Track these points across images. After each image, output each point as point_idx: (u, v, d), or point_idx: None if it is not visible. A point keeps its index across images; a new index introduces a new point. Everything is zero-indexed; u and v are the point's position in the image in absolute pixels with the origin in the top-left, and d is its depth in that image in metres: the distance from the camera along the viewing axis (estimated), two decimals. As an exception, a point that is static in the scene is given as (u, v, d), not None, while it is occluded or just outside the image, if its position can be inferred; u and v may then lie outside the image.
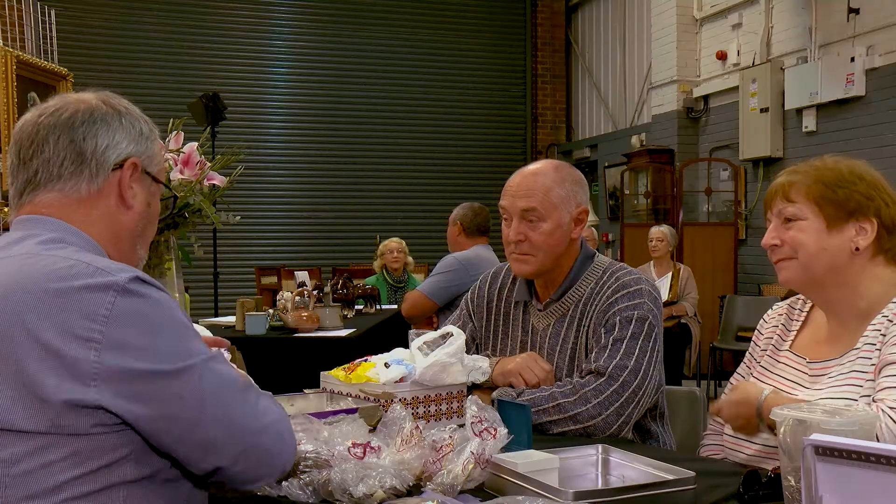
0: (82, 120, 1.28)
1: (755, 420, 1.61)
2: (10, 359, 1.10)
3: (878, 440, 1.40)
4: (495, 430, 1.49)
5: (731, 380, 1.94)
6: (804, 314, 1.83)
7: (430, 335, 1.90)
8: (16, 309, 1.11)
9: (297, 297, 4.11)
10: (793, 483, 1.20)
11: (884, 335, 1.60)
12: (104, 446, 1.13)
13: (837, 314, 1.72)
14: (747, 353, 1.93)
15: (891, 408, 1.47)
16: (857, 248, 1.65)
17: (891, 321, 1.60)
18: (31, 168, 1.27)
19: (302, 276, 5.23)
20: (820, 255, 1.66)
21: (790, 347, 1.80)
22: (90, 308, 1.11)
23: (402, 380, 1.78)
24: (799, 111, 7.23)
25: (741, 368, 1.93)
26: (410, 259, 6.62)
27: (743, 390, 1.68)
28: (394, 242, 6.53)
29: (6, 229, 4.22)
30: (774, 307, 1.93)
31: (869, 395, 1.55)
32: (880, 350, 1.59)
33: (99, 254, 1.27)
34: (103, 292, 1.12)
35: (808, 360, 1.74)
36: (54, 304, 1.11)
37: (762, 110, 7.47)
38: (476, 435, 1.48)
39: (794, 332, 1.82)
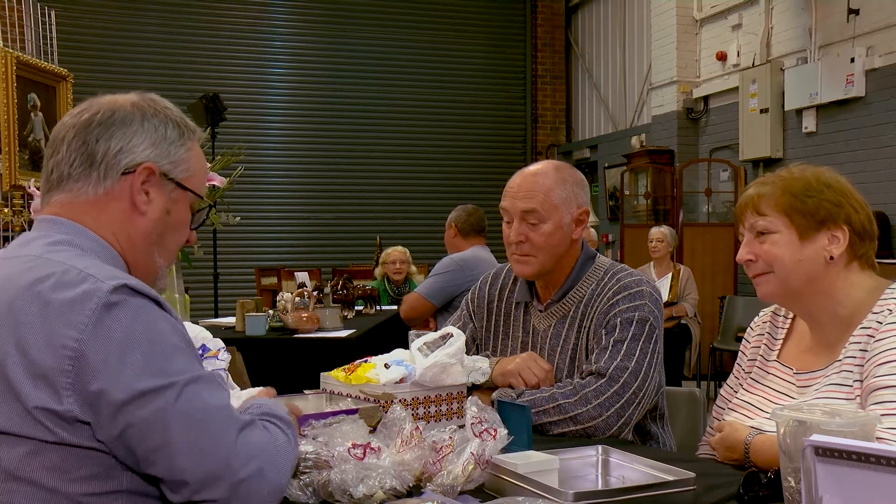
0: (99, 121, 1.24)
1: (744, 461, 1.62)
2: (4, 366, 1.09)
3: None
4: (495, 430, 1.49)
5: (721, 391, 1.94)
6: (788, 321, 1.83)
7: (430, 336, 1.90)
8: (8, 313, 1.11)
9: (297, 298, 4.11)
10: (793, 484, 1.20)
11: (865, 351, 1.59)
12: (96, 456, 1.11)
13: (819, 323, 1.71)
14: (736, 364, 1.93)
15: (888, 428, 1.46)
16: (831, 257, 1.64)
17: (871, 336, 1.59)
18: (48, 167, 1.26)
19: (302, 276, 5.23)
20: (796, 268, 1.65)
21: (777, 357, 1.80)
22: (72, 317, 1.08)
23: (402, 380, 1.78)
24: (799, 112, 7.24)
25: (731, 380, 1.92)
26: (413, 268, 6.52)
27: (731, 438, 1.67)
28: (396, 252, 6.29)
29: (5, 230, 4.18)
30: (760, 314, 1.93)
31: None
32: (862, 367, 1.59)
33: (111, 256, 1.24)
34: (86, 301, 1.09)
35: (795, 370, 1.74)
36: (41, 312, 1.09)
37: (762, 111, 7.47)
38: (476, 436, 1.48)
39: (781, 341, 1.82)
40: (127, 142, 1.25)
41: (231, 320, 4.29)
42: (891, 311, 1.60)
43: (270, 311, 4.27)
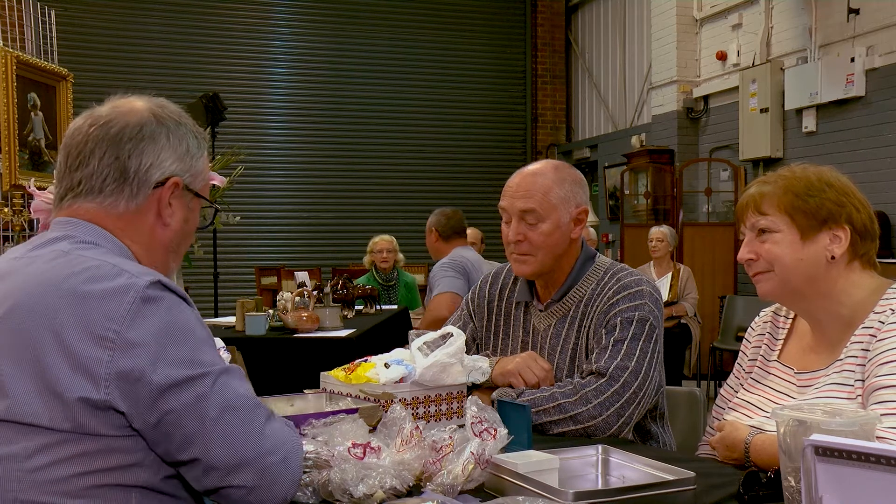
0: (130, 136, 1.28)
1: (744, 460, 1.62)
2: (33, 354, 1.12)
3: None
4: (495, 430, 1.49)
5: (721, 390, 1.94)
6: (789, 321, 1.83)
7: (430, 335, 1.90)
8: (43, 305, 1.14)
9: (297, 298, 4.11)
10: (793, 483, 1.20)
11: (866, 350, 1.59)
12: (116, 449, 1.14)
13: (820, 323, 1.71)
14: (736, 363, 1.93)
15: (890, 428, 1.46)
16: (832, 257, 1.64)
17: (873, 335, 1.59)
18: (75, 178, 1.29)
19: (302, 276, 5.23)
20: (797, 267, 1.65)
21: (778, 357, 1.80)
22: (110, 309, 1.13)
23: (402, 380, 1.78)
24: (799, 111, 7.24)
25: (731, 380, 1.92)
26: (401, 256, 6.59)
27: (731, 437, 1.67)
28: (383, 241, 6.40)
29: (5, 229, 4.17)
30: (760, 314, 1.92)
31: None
32: (864, 366, 1.58)
33: (129, 259, 1.28)
34: (123, 294, 1.15)
35: (796, 370, 1.73)
36: (78, 304, 1.13)
37: (762, 110, 7.47)
38: (476, 435, 1.48)
39: (781, 341, 1.82)
40: (156, 157, 1.29)
41: (231, 320, 4.29)
42: (893, 310, 1.59)
43: (270, 311, 4.26)
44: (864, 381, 1.58)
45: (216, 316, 6.13)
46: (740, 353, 1.92)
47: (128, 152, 1.27)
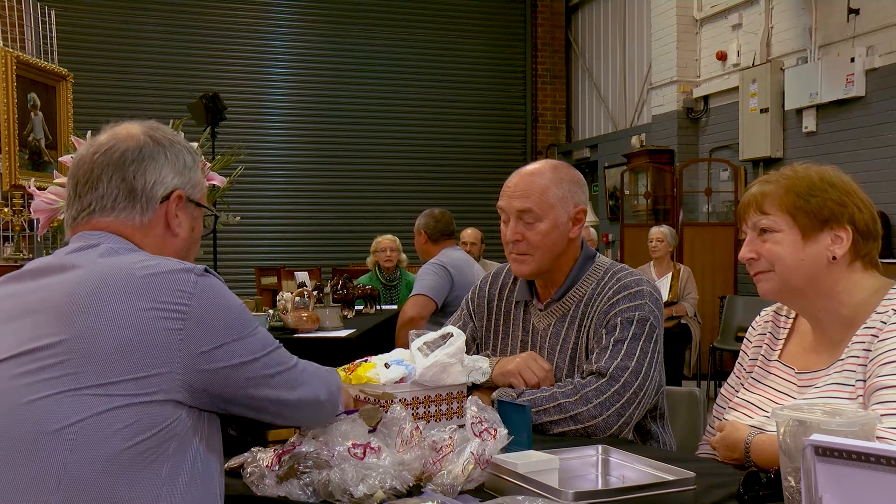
0: (132, 158, 1.38)
1: (744, 460, 1.62)
2: (103, 330, 1.18)
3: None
4: (495, 430, 1.49)
5: (722, 390, 1.94)
6: (790, 321, 1.83)
7: (431, 335, 1.90)
8: (112, 287, 1.22)
9: (297, 298, 4.11)
10: (793, 483, 1.20)
11: (868, 350, 1.59)
12: (163, 417, 1.19)
13: (821, 322, 1.71)
14: (737, 363, 1.92)
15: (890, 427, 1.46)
16: (833, 257, 1.63)
17: (875, 336, 1.59)
18: (85, 201, 1.38)
19: (302, 276, 5.24)
20: (798, 267, 1.64)
21: (779, 357, 1.80)
22: (177, 286, 1.24)
23: (402, 380, 1.78)
24: (799, 111, 7.24)
25: (731, 379, 1.92)
26: (404, 256, 6.60)
27: (732, 437, 1.67)
28: (386, 240, 6.43)
29: (5, 229, 4.16)
30: (761, 314, 1.92)
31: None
32: (865, 367, 1.58)
33: None
34: (186, 273, 1.26)
35: (796, 370, 1.73)
36: (145, 284, 1.23)
37: (762, 111, 7.48)
38: (476, 435, 1.48)
39: (782, 341, 1.81)
40: (158, 174, 1.40)
41: (231, 320, 4.28)
42: (895, 311, 1.59)
43: (270, 311, 4.27)
44: (865, 381, 1.58)
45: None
46: (741, 352, 1.92)
47: (132, 173, 1.37)
